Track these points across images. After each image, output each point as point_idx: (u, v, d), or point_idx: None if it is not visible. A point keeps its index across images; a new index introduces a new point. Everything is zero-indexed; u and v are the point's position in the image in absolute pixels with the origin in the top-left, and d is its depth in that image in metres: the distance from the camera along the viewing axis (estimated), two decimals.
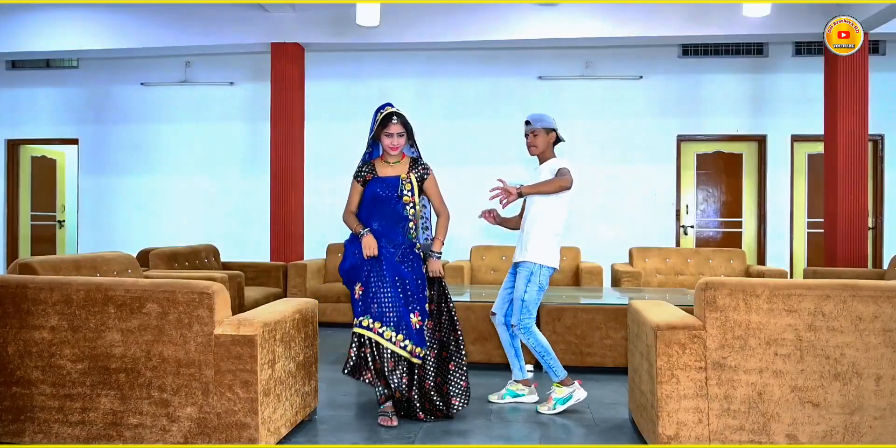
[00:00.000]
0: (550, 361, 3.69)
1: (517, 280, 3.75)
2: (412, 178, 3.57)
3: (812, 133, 7.62)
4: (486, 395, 3.93)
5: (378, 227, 3.53)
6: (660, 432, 2.70)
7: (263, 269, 6.61)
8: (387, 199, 3.51)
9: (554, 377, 3.71)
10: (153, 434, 2.79)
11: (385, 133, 3.51)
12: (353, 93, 8.04)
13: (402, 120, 3.51)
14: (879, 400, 2.60)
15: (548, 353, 3.70)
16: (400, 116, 3.51)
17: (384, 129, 3.51)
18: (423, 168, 3.63)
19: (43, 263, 3.39)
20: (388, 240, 3.51)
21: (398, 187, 3.52)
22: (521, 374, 3.89)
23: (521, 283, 3.71)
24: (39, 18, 7.23)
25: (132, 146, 8.39)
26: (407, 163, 3.62)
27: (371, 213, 3.56)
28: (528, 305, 3.69)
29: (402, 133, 3.52)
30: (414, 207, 3.56)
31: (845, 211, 6.48)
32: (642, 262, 6.62)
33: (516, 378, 3.90)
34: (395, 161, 3.60)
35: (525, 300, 3.69)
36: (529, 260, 3.70)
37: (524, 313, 3.69)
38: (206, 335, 2.74)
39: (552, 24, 6.78)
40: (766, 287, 2.64)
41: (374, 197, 3.53)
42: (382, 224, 3.53)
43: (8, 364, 2.90)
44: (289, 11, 6.93)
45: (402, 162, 3.61)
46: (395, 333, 3.35)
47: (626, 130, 7.89)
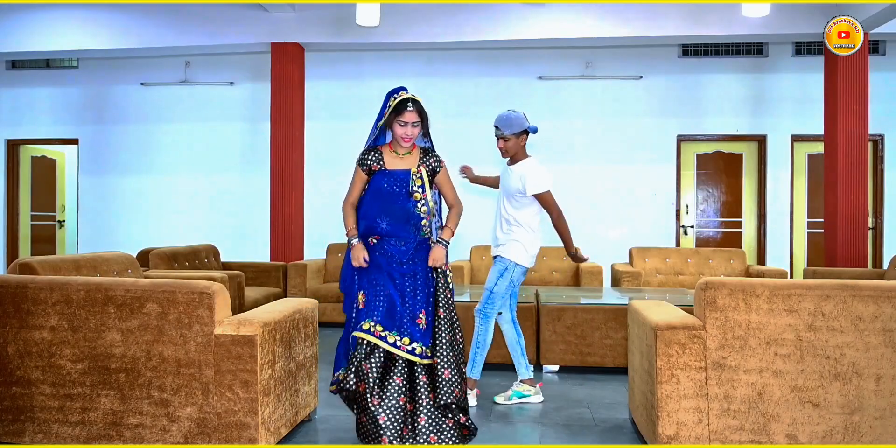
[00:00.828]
0: (479, 357, 3.83)
1: (491, 271, 3.84)
2: (423, 172, 3.20)
3: (812, 133, 7.62)
4: (488, 396, 3.93)
5: (387, 226, 3.15)
6: (660, 432, 2.70)
7: (263, 269, 6.61)
8: (395, 195, 3.15)
9: (470, 372, 3.82)
10: (153, 434, 2.79)
11: (398, 121, 3.12)
12: (353, 93, 8.04)
13: (417, 107, 3.12)
14: (879, 400, 2.60)
15: (483, 348, 3.82)
16: (416, 103, 3.12)
17: (398, 117, 3.11)
18: (435, 160, 3.26)
19: (43, 263, 3.39)
20: (398, 239, 3.16)
21: (408, 183, 3.16)
22: (527, 373, 3.90)
23: (494, 275, 3.81)
24: (39, 18, 7.23)
25: (132, 146, 8.39)
26: (417, 154, 3.24)
27: (377, 209, 3.17)
28: (495, 297, 3.80)
29: (417, 123, 3.13)
30: (426, 204, 3.19)
31: (845, 211, 6.47)
32: (642, 262, 6.62)
33: (522, 377, 3.91)
34: (406, 152, 3.22)
35: (493, 292, 3.79)
36: (506, 257, 3.78)
37: (489, 303, 3.80)
38: (206, 335, 2.74)
39: (552, 24, 6.78)
40: (766, 287, 2.64)
41: (380, 192, 3.16)
42: (391, 222, 3.15)
43: (8, 364, 2.90)
44: (289, 11, 6.93)
45: (412, 153, 3.23)
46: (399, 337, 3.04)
47: (626, 130, 7.88)
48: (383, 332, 3.03)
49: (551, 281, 6.71)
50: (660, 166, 7.86)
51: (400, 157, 3.21)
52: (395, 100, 3.13)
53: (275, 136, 7.09)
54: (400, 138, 3.15)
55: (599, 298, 5.16)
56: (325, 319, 6.02)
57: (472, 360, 3.82)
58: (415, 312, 3.10)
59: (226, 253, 7.32)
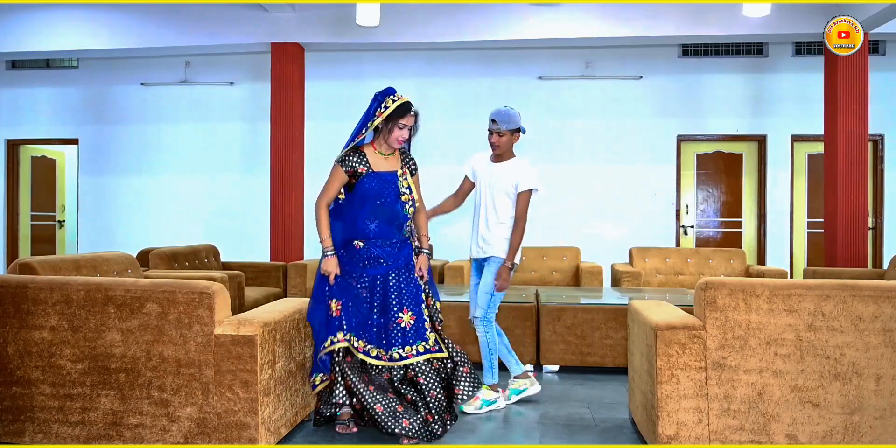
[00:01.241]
0: (493, 361, 3.73)
1: (485, 274, 3.70)
2: (407, 173, 3.31)
3: (812, 133, 7.62)
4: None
5: (375, 227, 3.22)
6: (660, 432, 2.70)
7: (263, 269, 6.61)
8: (385, 198, 3.20)
9: (489, 379, 3.72)
10: (153, 434, 2.79)
11: (399, 124, 3.18)
12: (353, 93, 8.03)
13: (416, 115, 3.25)
14: (879, 400, 2.60)
15: (495, 353, 3.74)
16: (416, 113, 3.24)
17: (400, 119, 3.18)
18: (413, 162, 3.38)
19: (43, 263, 3.38)
20: (383, 240, 3.23)
21: (397, 185, 3.24)
22: (520, 368, 3.87)
23: (490, 277, 3.68)
24: (39, 18, 7.23)
25: (132, 146, 8.39)
26: (398, 155, 3.33)
27: (367, 212, 3.21)
28: (496, 300, 3.71)
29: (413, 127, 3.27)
30: (413, 205, 3.32)
31: (845, 211, 6.47)
32: (642, 262, 6.62)
33: (515, 373, 3.87)
34: (389, 153, 3.29)
35: (494, 293, 3.68)
36: (499, 255, 3.67)
37: (491, 306, 3.70)
38: (206, 335, 2.74)
39: (552, 24, 6.78)
40: (766, 287, 2.64)
41: (368, 194, 3.20)
42: (380, 224, 3.22)
43: (8, 364, 2.90)
44: (289, 11, 6.93)
45: (394, 154, 3.31)
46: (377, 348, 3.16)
47: (626, 130, 7.89)
48: (366, 347, 3.16)
49: (551, 281, 6.71)
50: (660, 166, 7.86)
51: (384, 158, 3.27)
52: (393, 102, 3.17)
53: (275, 136, 7.08)
54: (395, 140, 3.21)
55: (599, 298, 5.16)
56: None
57: (488, 368, 3.73)
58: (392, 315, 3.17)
59: (226, 253, 7.31)
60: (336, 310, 3.17)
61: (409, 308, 3.20)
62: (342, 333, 3.14)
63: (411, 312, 3.20)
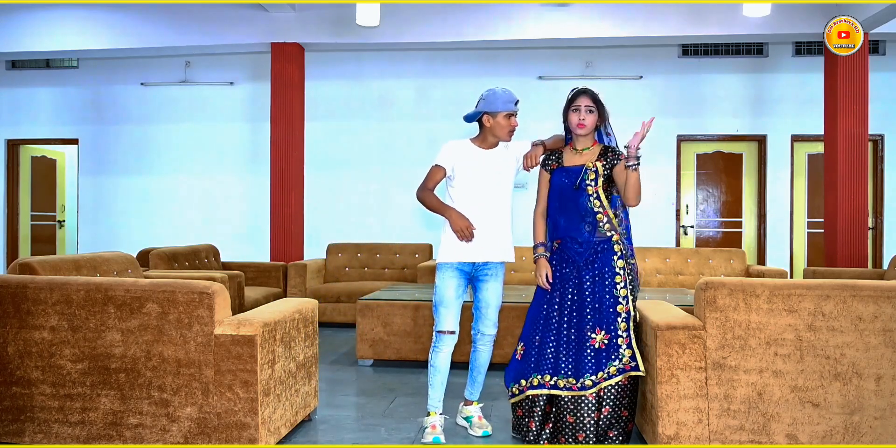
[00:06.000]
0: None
1: (496, 284, 3.31)
2: (598, 166, 3.12)
3: (812, 133, 7.62)
4: (490, 396, 3.92)
5: (563, 223, 3.15)
6: (660, 432, 2.70)
7: (263, 269, 6.61)
8: (568, 190, 3.12)
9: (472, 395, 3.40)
10: (153, 434, 2.79)
11: (573, 107, 3.11)
12: (353, 93, 8.04)
13: (591, 95, 3.13)
14: (879, 400, 2.60)
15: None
16: (589, 91, 3.13)
17: (571, 104, 3.12)
18: (616, 155, 3.16)
19: (43, 263, 3.39)
20: (571, 239, 3.13)
21: (579, 176, 3.12)
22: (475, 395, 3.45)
23: (500, 286, 3.34)
24: (39, 18, 7.23)
25: (132, 146, 8.39)
26: (597, 151, 3.18)
27: (554, 207, 3.18)
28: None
29: (592, 108, 3.11)
30: (598, 198, 3.11)
31: (845, 211, 6.47)
32: (642, 262, 6.61)
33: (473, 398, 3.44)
34: (584, 148, 3.18)
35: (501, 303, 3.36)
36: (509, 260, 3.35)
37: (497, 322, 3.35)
38: (206, 335, 2.74)
39: (552, 24, 6.78)
40: (766, 287, 2.64)
41: (554, 188, 3.17)
42: (567, 220, 3.13)
43: (8, 364, 2.90)
44: (289, 11, 6.93)
45: (591, 149, 3.19)
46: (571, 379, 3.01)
47: (627, 130, 7.81)
48: (552, 381, 3.04)
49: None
50: (660, 166, 7.85)
51: (578, 154, 3.21)
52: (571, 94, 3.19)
53: (275, 136, 7.09)
54: (575, 125, 3.16)
55: None
56: (325, 319, 6.03)
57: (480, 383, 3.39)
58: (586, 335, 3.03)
59: (226, 253, 7.32)
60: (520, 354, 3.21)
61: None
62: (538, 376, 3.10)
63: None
